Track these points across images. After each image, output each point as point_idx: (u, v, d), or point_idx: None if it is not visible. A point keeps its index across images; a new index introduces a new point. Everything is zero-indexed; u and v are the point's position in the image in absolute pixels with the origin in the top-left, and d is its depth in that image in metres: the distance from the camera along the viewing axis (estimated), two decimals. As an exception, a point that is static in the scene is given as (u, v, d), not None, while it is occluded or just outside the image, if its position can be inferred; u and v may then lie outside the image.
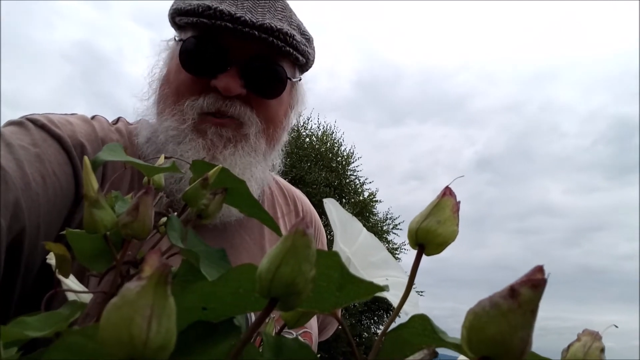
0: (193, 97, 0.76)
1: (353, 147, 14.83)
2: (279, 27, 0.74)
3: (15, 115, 0.71)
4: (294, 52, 0.78)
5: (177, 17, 0.77)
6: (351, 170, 14.34)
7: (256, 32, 0.72)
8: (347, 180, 14.11)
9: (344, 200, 13.94)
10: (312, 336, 0.86)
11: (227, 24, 0.71)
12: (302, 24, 0.85)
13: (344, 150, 14.31)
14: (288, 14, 0.82)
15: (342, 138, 14.36)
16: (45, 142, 0.66)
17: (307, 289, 0.18)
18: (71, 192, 0.67)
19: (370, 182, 14.87)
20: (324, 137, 13.90)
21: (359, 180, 14.46)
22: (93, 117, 0.81)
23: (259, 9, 0.76)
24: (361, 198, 14.15)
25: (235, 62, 0.75)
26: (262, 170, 0.81)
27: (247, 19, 0.72)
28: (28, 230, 0.58)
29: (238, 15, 0.72)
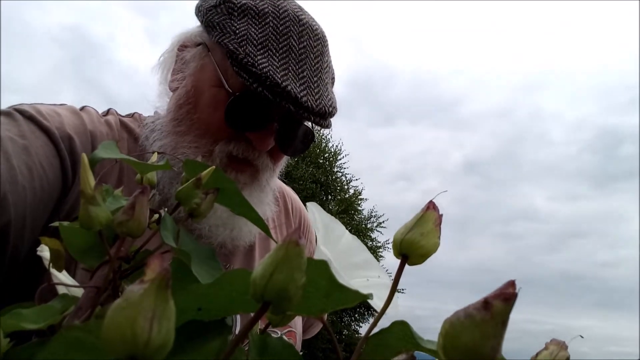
0: (223, 139, 0.75)
1: (340, 143, 14.84)
2: (329, 110, 0.76)
3: (5, 100, 0.70)
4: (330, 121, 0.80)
5: (235, 64, 0.71)
6: (338, 167, 14.37)
7: (312, 117, 0.74)
8: (334, 177, 14.13)
9: (330, 197, 13.96)
10: (297, 335, 0.87)
11: (290, 106, 0.71)
12: (332, 66, 0.84)
13: (331, 147, 14.33)
14: (329, 66, 0.81)
15: (329, 134, 14.37)
16: (33, 134, 0.65)
17: (297, 295, 0.20)
18: (58, 184, 0.66)
19: (356, 180, 14.94)
20: (312, 133, 13.85)
21: (346, 177, 14.51)
22: (82, 108, 0.79)
23: (314, 79, 0.75)
24: (347, 196, 14.19)
25: (274, 121, 0.75)
26: (269, 202, 0.84)
27: (309, 104, 0.72)
28: (14, 223, 0.58)
29: (303, 100, 0.71)
